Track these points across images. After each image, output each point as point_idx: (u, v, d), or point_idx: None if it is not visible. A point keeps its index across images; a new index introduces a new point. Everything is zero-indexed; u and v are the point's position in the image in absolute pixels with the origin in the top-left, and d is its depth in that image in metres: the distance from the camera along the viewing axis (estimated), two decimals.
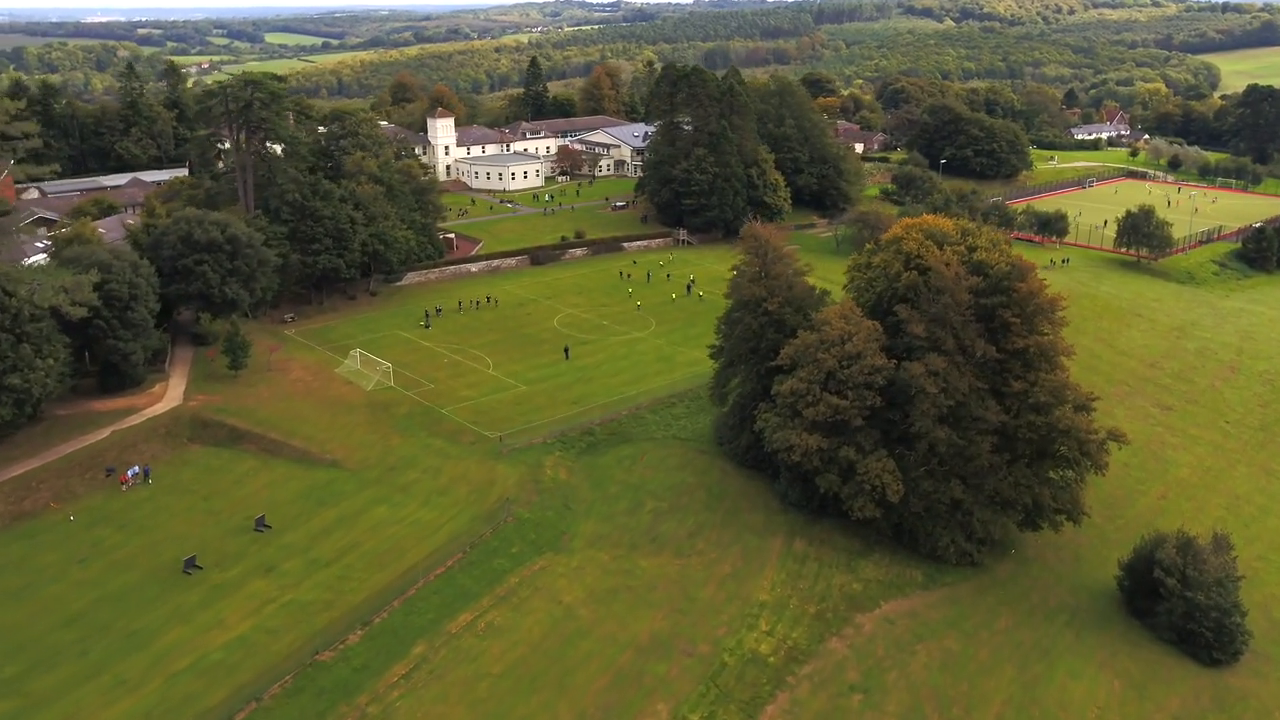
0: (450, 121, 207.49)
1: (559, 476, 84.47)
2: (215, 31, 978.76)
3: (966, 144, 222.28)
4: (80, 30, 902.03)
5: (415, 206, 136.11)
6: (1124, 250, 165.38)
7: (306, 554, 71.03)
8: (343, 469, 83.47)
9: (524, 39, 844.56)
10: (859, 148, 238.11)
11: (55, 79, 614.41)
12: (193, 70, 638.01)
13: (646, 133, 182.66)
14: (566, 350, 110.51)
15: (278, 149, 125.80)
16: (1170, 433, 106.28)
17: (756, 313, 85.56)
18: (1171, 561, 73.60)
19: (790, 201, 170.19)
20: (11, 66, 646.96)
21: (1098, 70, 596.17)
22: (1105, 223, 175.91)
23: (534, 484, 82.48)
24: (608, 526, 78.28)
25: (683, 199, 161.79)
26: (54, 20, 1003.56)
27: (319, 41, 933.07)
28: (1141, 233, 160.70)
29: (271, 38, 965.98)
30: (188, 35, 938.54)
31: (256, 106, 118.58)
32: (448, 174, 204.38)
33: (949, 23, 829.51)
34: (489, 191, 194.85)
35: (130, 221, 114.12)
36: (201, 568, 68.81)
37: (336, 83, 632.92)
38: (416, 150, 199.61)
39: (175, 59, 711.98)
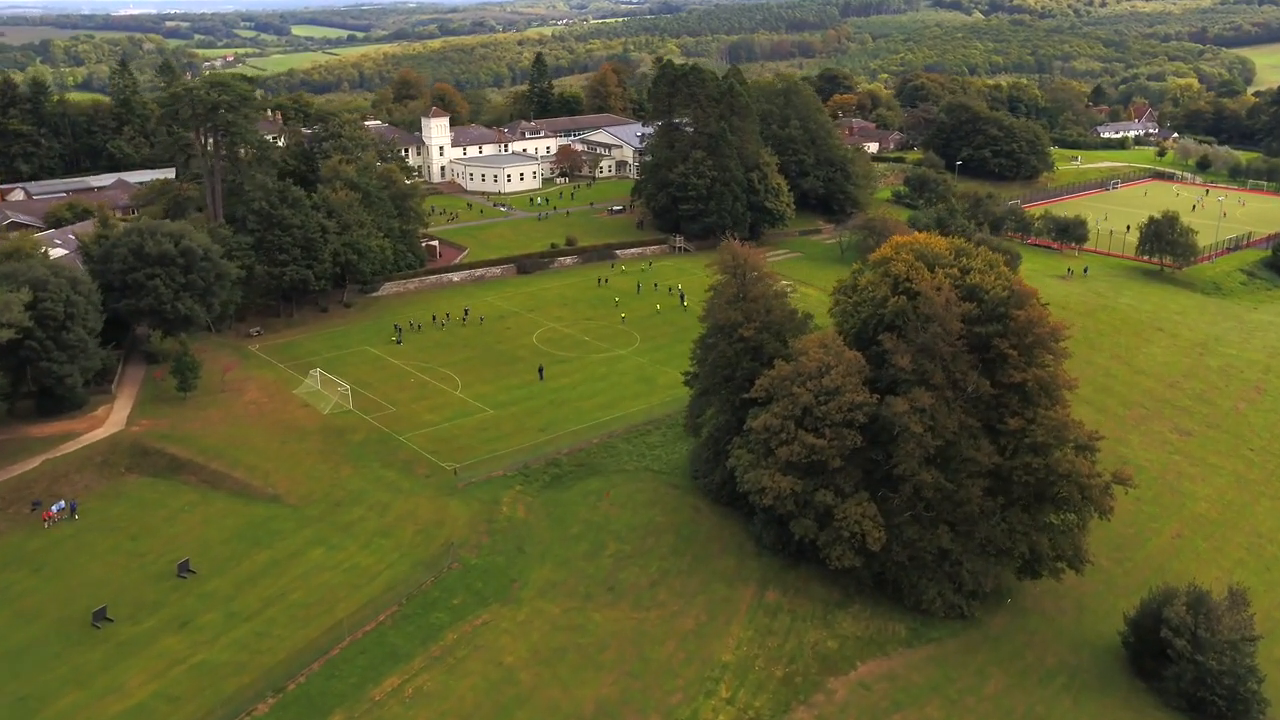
0: (445, 121, 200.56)
1: (516, 514, 78.31)
2: (243, 24, 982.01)
3: (984, 144, 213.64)
4: (109, 23, 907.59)
5: (394, 213, 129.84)
6: (1146, 258, 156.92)
7: (228, 605, 65.40)
8: (284, 504, 77.79)
9: (548, 32, 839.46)
10: (874, 147, 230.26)
11: (79, 72, 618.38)
12: (217, 63, 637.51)
13: (646, 133, 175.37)
14: (541, 370, 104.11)
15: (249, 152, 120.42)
16: (1188, 461, 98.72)
17: (732, 339, 78.91)
18: (1181, 620, 66.81)
19: (794, 206, 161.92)
20: (38, 59, 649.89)
21: (1129, 64, 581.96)
22: (1128, 228, 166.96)
23: (487, 524, 76.39)
24: (563, 573, 72.07)
25: (680, 204, 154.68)
26: (85, 13, 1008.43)
27: (345, 34, 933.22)
28: (1165, 240, 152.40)
29: (298, 30, 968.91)
30: (215, 28, 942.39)
31: (223, 110, 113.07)
32: (442, 175, 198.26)
33: (977, 15, 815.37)
34: (484, 194, 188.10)
35: (87, 231, 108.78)
36: (112, 620, 63.44)
37: (358, 76, 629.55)
38: (410, 151, 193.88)
39: (200, 52, 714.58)
